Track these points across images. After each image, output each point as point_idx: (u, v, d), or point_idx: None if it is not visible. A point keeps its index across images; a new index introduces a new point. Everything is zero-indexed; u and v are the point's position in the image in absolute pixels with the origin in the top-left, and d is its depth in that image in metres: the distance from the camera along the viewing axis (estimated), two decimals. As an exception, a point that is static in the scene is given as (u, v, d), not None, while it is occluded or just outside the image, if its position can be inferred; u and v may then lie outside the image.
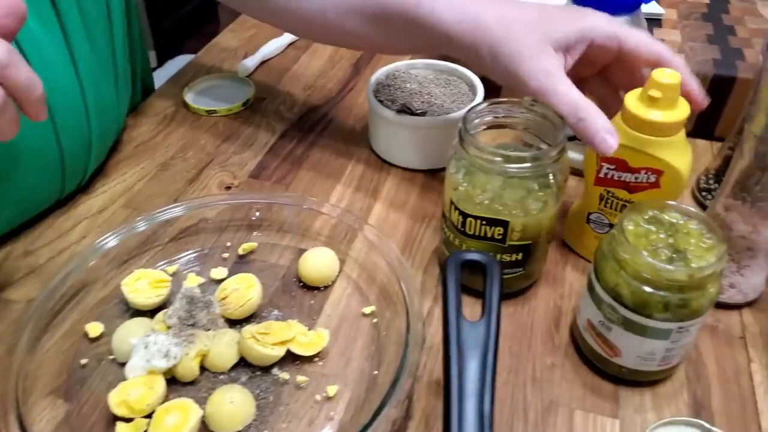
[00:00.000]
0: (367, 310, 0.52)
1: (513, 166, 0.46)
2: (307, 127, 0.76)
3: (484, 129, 0.51)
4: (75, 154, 0.60)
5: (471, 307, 0.51)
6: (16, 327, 0.46)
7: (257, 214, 0.61)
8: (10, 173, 0.54)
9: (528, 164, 0.46)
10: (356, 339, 0.50)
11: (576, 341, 0.49)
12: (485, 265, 0.39)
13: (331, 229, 0.60)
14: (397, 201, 0.65)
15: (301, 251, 0.58)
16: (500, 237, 0.48)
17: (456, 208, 0.49)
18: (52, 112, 0.55)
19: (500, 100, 0.51)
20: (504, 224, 0.47)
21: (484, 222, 0.48)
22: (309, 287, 0.55)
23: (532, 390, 0.47)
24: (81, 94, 0.59)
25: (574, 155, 0.65)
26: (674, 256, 0.41)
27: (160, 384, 0.44)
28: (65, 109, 0.57)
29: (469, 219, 0.48)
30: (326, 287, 0.55)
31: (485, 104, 0.50)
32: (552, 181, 0.47)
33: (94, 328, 0.50)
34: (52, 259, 0.57)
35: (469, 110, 0.49)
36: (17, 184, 0.55)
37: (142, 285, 0.51)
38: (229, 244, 0.59)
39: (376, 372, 0.47)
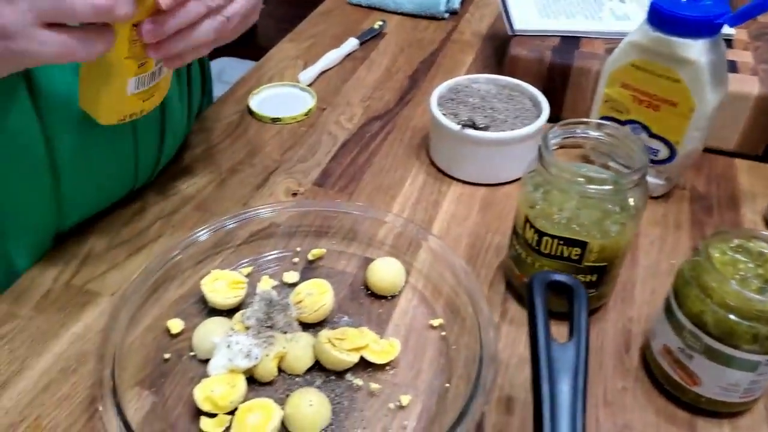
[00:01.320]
0: (435, 322, 0.53)
1: (593, 188, 0.47)
2: (367, 138, 0.78)
3: (555, 148, 0.52)
4: (147, 147, 0.62)
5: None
6: (110, 317, 0.48)
7: (324, 221, 0.62)
8: (87, 164, 0.56)
9: (609, 186, 0.46)
10: (425, 351, 0.51)
11: (648, 365, 0.49)
12: (572, 288, 0.40)
13: (395, 238, 0.61)
14: (459, 215, 0.66)
15: (367, 259, 0.59)
16: (577, 257, 0.49)
17: (532, 226, 0.50)
18: None
19: (577, 120, 0.52)
20: (582, 245, 0.48)
21: (561, 242, 0.48)
22: (376, 296, 0.56)
23: (604, 413, 0.47)
24: None
25: (649, 179, 0.65)
26: (765, 286, 0.41)
27: (242, 383, 0.46)
28: None
29: (545, 238, 0.49)
30: (393, 297, 0.56)
31: (565, 124, 0.51)
32: (632, 204, 0.48)
33: (175, 325, 0.51)
34: (131, 257, 0.59)
35: (550, 129, 0.50)
36: (92, 175, 0.58)
37: (220, 285, 0.52)
38: (298, 249, 0.60)
39: (447, 385, 0.48)
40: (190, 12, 0.45)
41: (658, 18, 0.56)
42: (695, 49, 0.55)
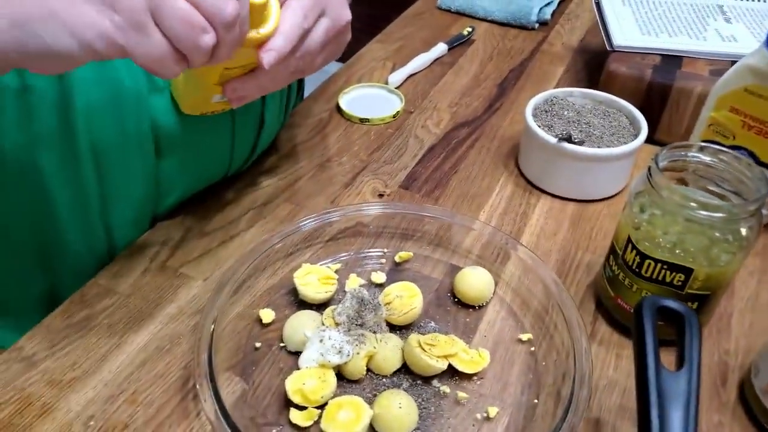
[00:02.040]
0: (524, 336, 0.52)
1: (705, 214, 0.45)
2: (454, 144, 0.77)
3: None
4: (245, 135, 0.64)
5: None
6: (209, 301, 0.49)
7: (410, 224, 0.62)
8: (189, 141, 0.58)
9: (721, 214, 0.45)
10: (513, 364, 0.51)
11: (747, 402, 0.47)
12: (683, 315, 0.39)
13: (482, 248, 0.60)
14: (548, 229, 0.65)
15: (453, 266, 0.59)
16: (680, 284, 0.47)
17: (634, 248, 0.48)
18: None
19: (687, 143, 0.50)
20: (688, 271, 0.46)
21: (665, 266, 0.47)
22: (462, 304, 0.56)
23: (699, 445, 0.46)
24: None
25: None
26: None
27: (332, 378, 0.46)
28: None
29: (648, 261, 0.48)
30: (480, 307, 0.55)
31: (675, 147, 0.49)
32: (744, 234, 0.46)
33: (267, 315, 0.52)
34: (224, 244, 0.60)
35: (662, 150, 0.48)
36: (193, 152, 0.60)
37: (312, 279, 0.53)
38: (385, 250, 0.60)
39: (536, 401, 0.48)
40: (277, 76, 0.47)
41: (780, 43, 0.54)
42: (820, 77, 0.53)
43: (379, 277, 0.57)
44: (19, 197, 0.53)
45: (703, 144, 0.50)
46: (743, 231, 0.46)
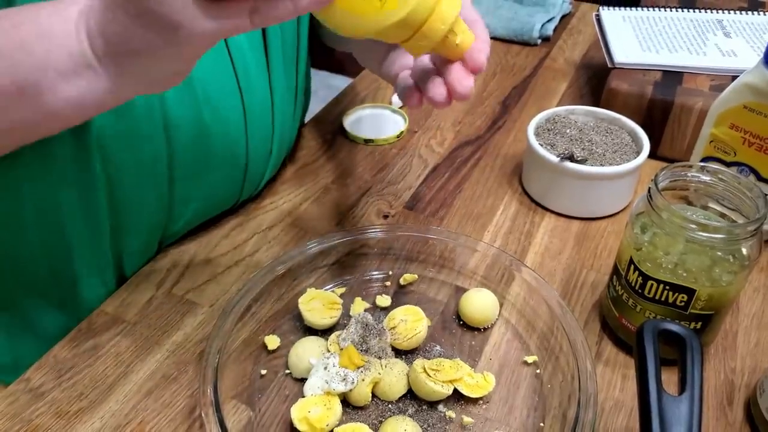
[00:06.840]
0: (530, 359, 0.52)
1: (705, 235, 0.45)
2: (458, 163, 0.78)
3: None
4: (257, 161, 0.64)
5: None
6: (214, 328, 0.49)
7: (415, 246, 0.62)
8: (202, 171, 0.59)
9: (721, 235, 0.45)
10: (518, 387, 0.51)
11: (754, 422, 0.47)
12: (684, 339, 0.39)
13: (487, 269, 0.60)
14: (552, 248, 0.65)
15: (458, 288, 0.59)
16: (683, 304, 0.47)
17: (636, 269, 0.48)
18: (246, 121, 0.60)
19: (688, 163, 0.50)
20: (690, 292, 0.46)
21: (668, 287, 0.47)
22: (468, 326, 0.56)
23: (706, 467, 0.45)
24: (271, 108, 0.63)
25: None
26: None
27: (337, 405, 0.46)
28: (258, 119, 0.62)
29: (650, 282, 0.48)
30: (485, 329, 0.56)
31: (676, 167, 0.50)
32: (745, 253, 0.46)
33: (272, 341, 0.53)
34: (229, 269, 0.61)
35: (662, 171, 0.49)
36: (205, 182, 0.60)
37: (316, 305, 0.53)
38: (390, 272, 0.61)
39: (542, 424, 0.48)
40: None
41: (777, 60, 0.54)
42: (819, 94, 0.53)
43: (384, 300, 0.57)
44: (36, 233, 0.54)
45: (702, 164, 0.50)
46: (744, 251, 0.46)
